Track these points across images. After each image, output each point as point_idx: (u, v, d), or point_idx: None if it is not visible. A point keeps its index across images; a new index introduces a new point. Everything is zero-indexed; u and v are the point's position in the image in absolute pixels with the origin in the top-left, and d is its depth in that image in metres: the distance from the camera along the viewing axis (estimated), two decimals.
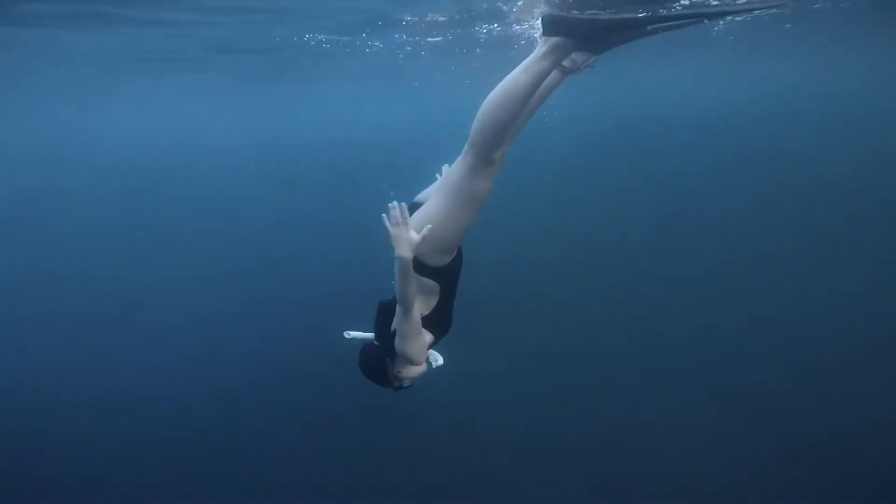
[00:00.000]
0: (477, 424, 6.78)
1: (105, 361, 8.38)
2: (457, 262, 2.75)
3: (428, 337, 2.69)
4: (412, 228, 2.46)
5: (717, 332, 8.13)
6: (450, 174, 2.62)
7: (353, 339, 2.93)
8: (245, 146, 32.47)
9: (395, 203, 2.44)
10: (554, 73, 2.58)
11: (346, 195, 16.88)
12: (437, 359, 2.84)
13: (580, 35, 2.35)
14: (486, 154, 2.48)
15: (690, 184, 15.13)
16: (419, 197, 2.87)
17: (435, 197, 2.62)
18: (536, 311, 8.97)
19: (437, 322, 2.72)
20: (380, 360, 2.72)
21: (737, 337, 8.02)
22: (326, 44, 12.24)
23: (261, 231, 14.27)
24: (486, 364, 7.56)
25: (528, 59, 2.41)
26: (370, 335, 2.87)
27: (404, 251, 2.40)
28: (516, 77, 2.39)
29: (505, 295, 9.17)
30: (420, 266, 2.59)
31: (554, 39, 2.37)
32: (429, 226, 2.49)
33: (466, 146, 2.54)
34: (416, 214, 2.61)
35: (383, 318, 2.75)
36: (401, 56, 14.27)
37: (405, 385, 2.75)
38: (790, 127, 22.61)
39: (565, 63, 2.55)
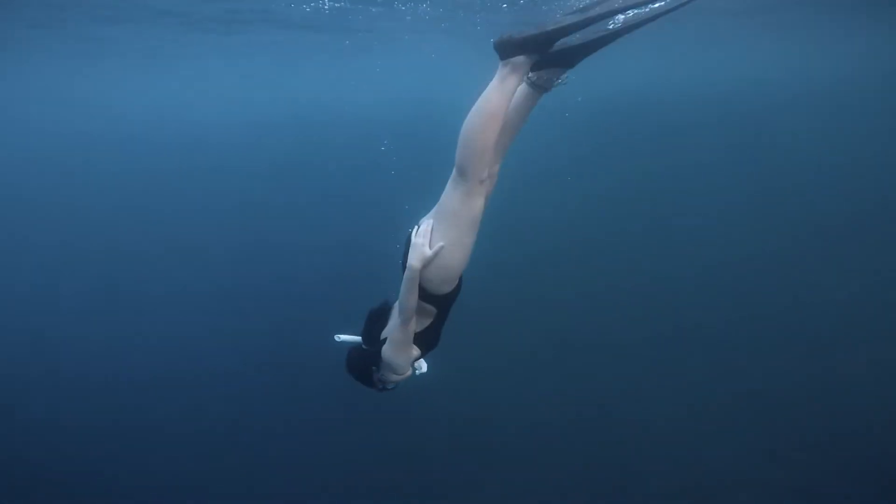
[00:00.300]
0: (477, 424, 6.79)
1: (102, 358, 8.39)
2: (457, 290, 2.82)
3: (415, 351, 2.79)
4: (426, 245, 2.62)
5: (718, 332, 8.12)
6: (444, 202, 2.62)
7: (344, 343, 2.99)
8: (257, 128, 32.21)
9: (428, 219, 2.64)
10: (529, 93, 2.61)
11: (353, 184, 16.87)
12: (421, 366, 2.92)
13: (534, 50, 2.38)
14: (475, 176, 2.50)
15: (690, 182, 15.10)
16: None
17: (435, 230, 2.63)
18: (536, 310, 8.97)
19: (426, 340, 2.83)
20: (366, 366, 2.83)
21: (737, 337, 8.01)
22: (327, 9, 11.76)
23: (267, 220, 14.25)
24: (486, 364, 7.56)
25: (493, 80, 2.45)
26: (360, 339, 2.93)
27: (417, 262, 2.56)
28: (486, 99, 2.42)
29: (505, 295, 9.16)
30: (422, 292, 2.66)
31: (513, 59, 2.40)
32: (441, 244, 2.58)
33: (454, 171, 2.55)
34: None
35: (373, 326, 2.84)
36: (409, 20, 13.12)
37: (389, 388, 2.88)
38: (790, 123, 22.52)
39: (537, 81, 2.57)
